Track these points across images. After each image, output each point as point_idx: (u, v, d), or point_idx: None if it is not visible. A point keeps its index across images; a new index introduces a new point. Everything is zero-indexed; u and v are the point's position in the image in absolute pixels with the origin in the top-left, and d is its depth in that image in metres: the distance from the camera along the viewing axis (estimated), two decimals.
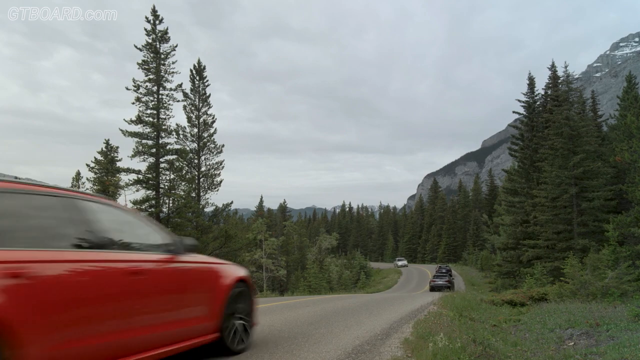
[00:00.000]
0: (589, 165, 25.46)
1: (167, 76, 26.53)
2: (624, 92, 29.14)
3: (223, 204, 31.68)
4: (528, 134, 33.15)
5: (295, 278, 50.29)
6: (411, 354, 4.65)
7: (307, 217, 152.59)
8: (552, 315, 8.06)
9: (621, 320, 6.72)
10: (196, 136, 30.68)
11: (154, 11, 26.56)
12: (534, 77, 33.70)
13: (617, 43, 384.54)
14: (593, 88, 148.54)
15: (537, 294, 12.80)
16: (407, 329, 6.38)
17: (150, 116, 26.04)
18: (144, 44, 26.17)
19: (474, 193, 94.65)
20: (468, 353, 4.34)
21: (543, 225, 27.61)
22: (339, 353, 4.67)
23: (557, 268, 21.10)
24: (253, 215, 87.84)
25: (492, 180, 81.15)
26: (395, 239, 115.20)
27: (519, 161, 33.80)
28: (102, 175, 35.47)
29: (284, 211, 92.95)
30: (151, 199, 25.78)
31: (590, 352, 5.02)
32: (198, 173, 30.47)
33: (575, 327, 6.68)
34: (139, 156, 25.63)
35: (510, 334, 6.74)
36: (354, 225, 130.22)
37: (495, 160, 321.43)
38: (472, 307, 9.54)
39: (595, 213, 25.35)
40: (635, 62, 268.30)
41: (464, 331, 5.64)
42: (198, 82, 31.24)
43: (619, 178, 26.14)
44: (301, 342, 5.27)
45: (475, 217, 78.94)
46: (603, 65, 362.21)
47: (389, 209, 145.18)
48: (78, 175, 45.30)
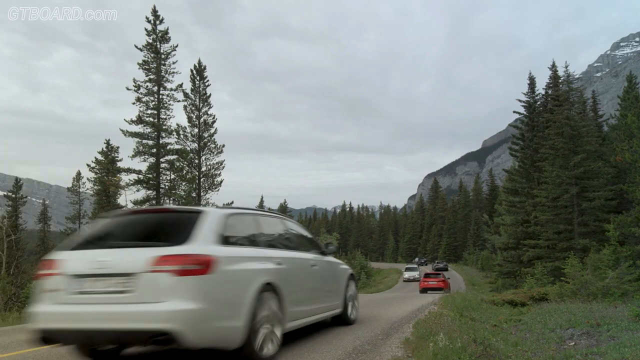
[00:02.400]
0: (590, 165, 25.44)
1: (168, 76, 26.58)
2: (624, 92, 29.11)
3: (223, 204, 31.70)
4: (529, 134, 33.13)
5: None
6: (411, 354, 4.65)
7: (308, 217, 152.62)
8: (553, 315, 8.05)
9: (622, 320, 6.71)
10: (197, 136, 30.69)
11: (154, 11, 26.58)
12: (534, 77, 33.70)
13: (617, 43, 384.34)
14: (594, 88, 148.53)
15: (538, 294, 12.78)
16: (407, 328, 6.38)
17: (151, 116, 26.07)
18: (145, 44, 26.20)
19: (475, 193, 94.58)
20: (468, 353, 4.33)
21: (544, 225, 27.59)
22: (339, 353, 4.67)
23: (558, 268, 21.08)
24: None
25: (493, 180, 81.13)
26: (396, 239, 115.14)
27: (519, 161, 33.78)
28: (103, 175, 35.50)
29: (284, 211, 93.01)
30: (152, 199, 25.80)
31: (591, 352, 5.02)
32: (198, 173, 30.48)
33: (576, 327, 6.68)
34: (139, 156, 25.67)
35: (511, 334, 6.74)
36: (355, 225, 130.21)
37: (495, 160, 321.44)
38: (472, 307, 9.53)
39: (596, 213, 25.32)
40: (636, 62, 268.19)
41: (465, 331, 5.64)
42: (198, 82, 31.26)
43: (619, 178, 26.11)
44: (302, 342, 5.28)
45: (476, 217, 78.92)
46: (604, 65, 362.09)
47: (390, 209, 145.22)
48: (79, 175, 45.44)
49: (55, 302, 3.86)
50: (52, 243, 50.26)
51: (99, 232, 4.40)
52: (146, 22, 26.32)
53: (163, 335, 3.48)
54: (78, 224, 44.41)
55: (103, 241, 4.20)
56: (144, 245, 3.90)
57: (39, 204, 63.43)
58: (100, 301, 3.72)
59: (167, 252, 3.69)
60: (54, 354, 4.99)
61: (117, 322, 3.61)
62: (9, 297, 16.10)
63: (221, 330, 3.81)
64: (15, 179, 46.96)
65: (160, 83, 26.25)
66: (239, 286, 4.05)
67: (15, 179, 46.59)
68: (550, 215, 26.87)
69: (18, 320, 10.33)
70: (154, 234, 4.26)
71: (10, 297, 16.40)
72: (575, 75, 31.32)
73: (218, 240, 4.05)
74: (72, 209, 44.70)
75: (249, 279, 4.18)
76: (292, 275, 5.02)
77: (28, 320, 4.05)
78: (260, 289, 4.21)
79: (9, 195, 43.82)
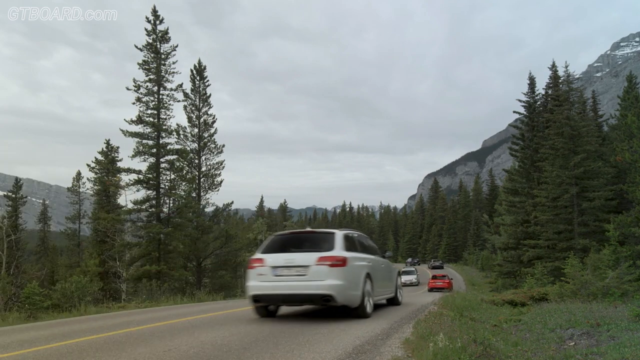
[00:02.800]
0: (590, 165, 25.43)
1: (168, 76, 26.52)
2: (624, 92, 29.10)
3: (223, 204, 31.70)
4: (529, 134, 33.13)
5: None
6: (412, 354, 4.65)
7: (308, 217, 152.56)
8: (553, 315, 8.06)
9: (622, 320, 6.72)
10: (197, 136, 30.67)
11: (154, 11, 26.55)
12: (534, 77, 33.72)
13: (617, 43, 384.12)
14: (594, 88, 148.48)
15: (538, 294, 12.80)
16: (407, 329, 6.38)
17: (151, 116, 26.03)
18: (145, 44, 26.16)
19: (475, 193, 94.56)
20: (468, 353, 4.33)
21: (544, 225, 27.59)
22: (340, 353, 4.67)
23: (558, 268, 21.08)
24: (253, 215, 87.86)
25: (493, 180, 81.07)
26: (396, 239, 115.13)
27: (519, 161, 33.78)
28: (103, 175, 35.49)
29: (284, 211, 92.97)
30: (152, 199, 25.76)
31: (591, 352, 5.02)
32: (198, 173, 30.45)
33: (576, 327, 6.68)
34: (139, 156, 25.60)
35: (511, 334, 6.74)
36: (355, 225, 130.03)
37: (495, 160, 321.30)
38: (472, 307, 9.53)
39: (596, 213, 25.32)
40: (636, 62, 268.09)
41: (465, 331, 5.64)
42: (198, 82, 31.23)
43: (619, 178, 26.11)
44: (302, 342, 5.27)
45: (476, 217, 78.89)
46: (604, 65, 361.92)
47: (390, 209, 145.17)
48: (79, 175, 45.39)
49: (262, 280, 7.13)
50: (52, 243, 50.28)
51: (278, 243, 7.65)
52: (146, 22, 26.29)
53: (327, 297, 6.72)
54: (78, 224, 44.37)
55: (284, 248, 7.45)
56: (311, 251, 7.13)
57: (39, 204, 63.42)
58: (289, 280, 6.94)
59: (324, 254, 6.93)
60: (54, 353, 4.99)
61: (300, 290, 6.85)
62: (9, 297, 16.10)
63: (351, 296, 6.97)
64: (15, 179, 46.92)
65: (160, 83, 26.22)
66: (358, 273, 7.24)
67: (15, 179, 46.56)
68: (550, 215, 26.87)
69: (18, 320, 10.32)
70: (311, 244, 7.46)
71: (10, 297, 16.39)
72: (575, 75, 31.31)
73: (345, 248, 7.27)
74: (72, 209, 44.67)
75: (361, 269, 7.42)
76: (375, 270, 8.14)
77: (245, 291, 7.89)
78: (365, 275, 7.43)
79: (9, 195, 43.79)
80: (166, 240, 25.20)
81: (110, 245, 26.90)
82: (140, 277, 23.18)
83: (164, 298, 16.52)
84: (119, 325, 7.55)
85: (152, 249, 24.86)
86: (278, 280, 6.98)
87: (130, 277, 24.52)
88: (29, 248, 47.52)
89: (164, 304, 14.07)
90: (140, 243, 25.99)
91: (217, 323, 7.28)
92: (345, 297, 6.85)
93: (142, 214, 26.41)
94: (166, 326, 7.09)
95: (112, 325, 7.52)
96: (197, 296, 16.86)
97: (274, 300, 7.32)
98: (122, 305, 13.78)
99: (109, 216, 26.86)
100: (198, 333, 6.16)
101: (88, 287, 16.23)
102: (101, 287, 21.67)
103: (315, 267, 6.78)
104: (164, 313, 9.82)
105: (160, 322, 7.67)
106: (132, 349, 5.08)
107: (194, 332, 6.31)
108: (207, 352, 4.79)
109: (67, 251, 44.50)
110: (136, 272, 24.44)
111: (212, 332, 6.18)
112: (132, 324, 7.52)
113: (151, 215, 26.04)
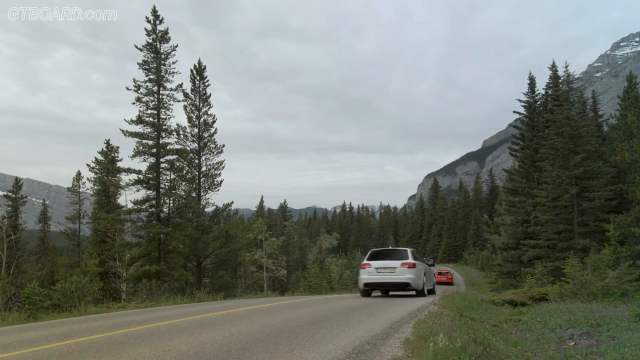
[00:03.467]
0: (590, 165, 25.42)
1: (168, 76, 26.48)
2: (624, 92, 29.08)
3: (223, 204, 31.66)
4: (529, 134, 33.12)
5: (296, 278, 50.21)
6: (412, 354, 4.65)
7: (308, 217, 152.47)
8: (553, 315, 8.06)
9: (622, 320, 6.71)
10: (197, 136, 30.65)
11: (154, 11, 26.52)
12: (534, 77, 33.67)
13: (617, 43, 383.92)
14: (594, 88, 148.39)
15: (538, 294, 12.78)
16: (407, 329, 6.38)
17: (151, 116, 26.00)
18: (145, 44, 26.14)
19: (475, 193, 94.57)
20: (468, 353, 4.33)
21: (544, 225, 27.58)
22: (340, 353, 4.67)
23: (558, 268, 21.08)
24: (253, 215, 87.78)
25: (493, 180, 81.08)
26: (396, 239, 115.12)
27: (519, 161, 33.76)
28: (103, 175, 35.48)
29: (284, 211, 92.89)
30: (152, 199, 25.73)
31: (591, 352, 5.02)
32: (198, 173, 30.44)
33: (575, 327, 6.68)
34: (139, 156, 25.57)
35: (511, 334, 6.74)
36: (355, 225, 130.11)
37: (495, 160, 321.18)
38: (472, 307, 9.53)
39: (596, 213, 25.31)
40: (636, 62, 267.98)
41: (465, 331, 5.64)
42: (198, 82, 31.21)
43: (619, 178, 26.10)
44: (302, 342, 5.27)
45: (476, 217, 78.89)
46: (604, 65, 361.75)
47: (390, 209, 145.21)
48: (79, 175, 45.34)
49: (370, 275, 13.61)
50: (52, 243, 50.23)
51: (375, 254, 14.20)
52: (146, 22, 26.26)
53: (407, 283, 13.27)
54: (78, 224, 44.35)
55: (379, 257, 13.94)
56: (396, 259, 13.58)
57: (39, 204, 63.37)
58: (385, 275, 13.45)
59: (404, 261, 13.43)
60: (54, 353, 4.99)
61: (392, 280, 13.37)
62: (9, 297, 16.10)
63: (418, 284, 13.46)
64: (15, 179, 46.86)
65: (160, 83, 26.20)
66: (420, 272, 13.67)
67: (15, 179, 46.50)
68: (550, 215, 26.86)
69: (18, 320, 10.32)
70: (395, 255, 13.84)
71: (10, 297, 16.40)
72: (575, 75, 31.27)
73: (413, 258, 13.61)
74: (72, 209, 44.63)
75: (421, 270, 13.84)
76: (426, 271, 14.67)
77: (357, 280, 14.41)
78: (423, 274, 13.90)
79: (9, 195, 43.76)
80: (166, 240, 25.18)
81: (110, 245, 26.89)
82: (140, 277, 23.18)
83: (164, 298, 16.52)
84: (119, 325, 7.55)
85: (152, 249, 24.85)
86: (379, 275, 13.43)
87: (130, 277, 24.51)
88: (29, 248, 47.49)
89: (164, 304, 14.07)
90: (140, 243, 25.97)
91: (217, 323, 7.28)
92: (415, 284, 13.28)
93: (142, 214, 26.38)
94: (166, 326, 7.08)
95: (112, 325, 7.52)
96: (197, 296, 16.87)
97: (377, 286, 13.82)
98: (122, 305, 13.79)
99: (109, 216, 26.85)
100: (198, 333, 6.16)
101: (88, 287, 16.25)
102: (101, 287, 21.67)
103: (400, 268, 13.21)
104: (164, 313, 9.82)
105: (160, 322, 7.66)
106: (132, 349, 5.08)
107: (194, 332, 6.31)
108: (207, 352, 4.79)
109: (67, 251, 44.47)
110: (136, 272, 24.43)
111: (212, 332, 6.18)
112: (132, 324, 7.51)
113: (151, 215, 26.02)
